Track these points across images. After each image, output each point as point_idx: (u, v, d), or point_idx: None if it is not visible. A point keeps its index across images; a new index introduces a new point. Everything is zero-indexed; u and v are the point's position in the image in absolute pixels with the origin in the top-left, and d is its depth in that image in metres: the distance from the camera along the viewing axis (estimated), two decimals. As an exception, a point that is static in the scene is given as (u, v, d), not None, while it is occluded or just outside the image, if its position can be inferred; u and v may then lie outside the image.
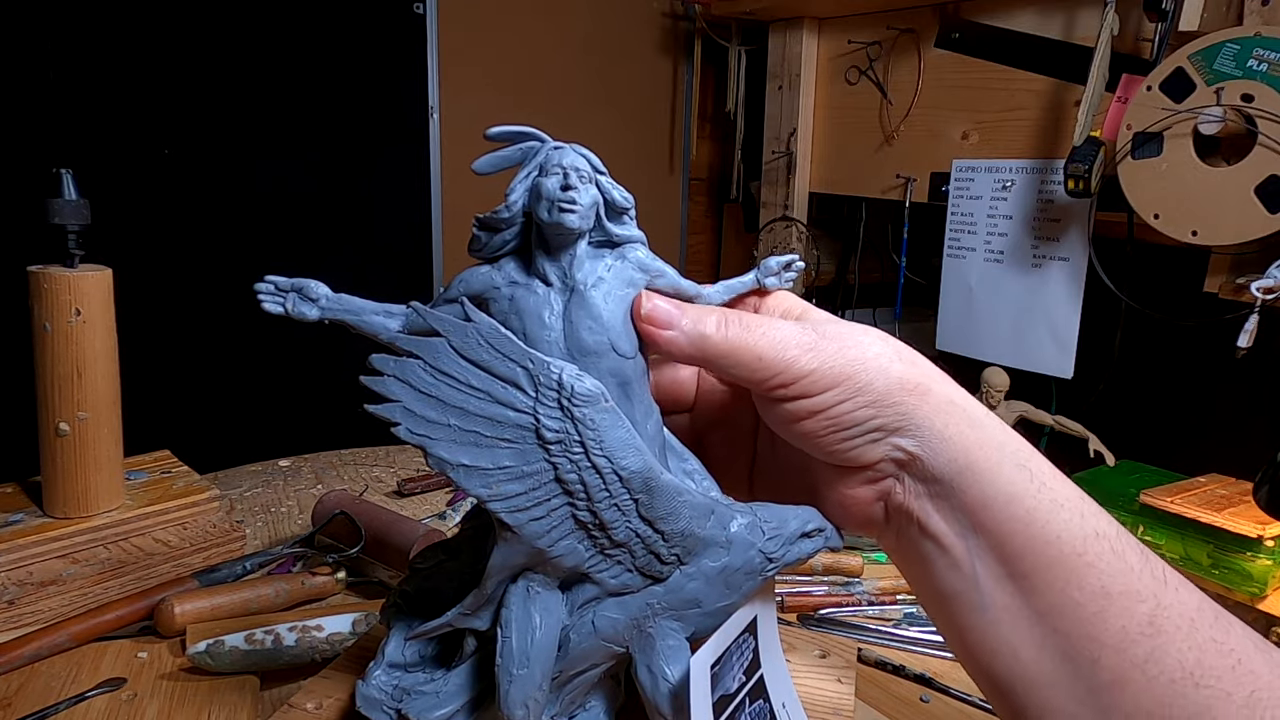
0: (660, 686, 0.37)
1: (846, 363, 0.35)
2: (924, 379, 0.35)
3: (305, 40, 1.40)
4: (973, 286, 1.43)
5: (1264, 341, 1.01)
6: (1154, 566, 0.32)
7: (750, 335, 0.36)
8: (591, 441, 0.34)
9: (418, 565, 0.44)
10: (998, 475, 0.33)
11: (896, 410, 0.34)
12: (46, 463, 0.67)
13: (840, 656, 0.57)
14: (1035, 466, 0.34)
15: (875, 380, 0.34)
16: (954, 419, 0.34)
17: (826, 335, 0.36)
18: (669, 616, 0.39)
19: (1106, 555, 0.32)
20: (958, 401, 0.35)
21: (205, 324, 1.33)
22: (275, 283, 0.39)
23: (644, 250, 0.39)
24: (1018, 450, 0.34)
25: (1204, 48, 0.99)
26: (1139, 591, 0.31)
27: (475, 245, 0.38)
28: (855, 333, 0.36)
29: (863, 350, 0.35)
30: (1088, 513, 0.33)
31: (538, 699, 0.37)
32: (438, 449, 0.34)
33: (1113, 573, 0.31)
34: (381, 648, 0.42)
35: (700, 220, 2.12)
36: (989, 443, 0.34)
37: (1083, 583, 0.31)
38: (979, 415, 0.35)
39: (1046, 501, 0.32)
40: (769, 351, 0.35)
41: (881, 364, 0.35)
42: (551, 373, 0.34)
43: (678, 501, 0.37)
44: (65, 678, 0.56)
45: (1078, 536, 0.32)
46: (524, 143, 0.37)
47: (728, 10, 1.70)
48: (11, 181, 1.14)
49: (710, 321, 0.36)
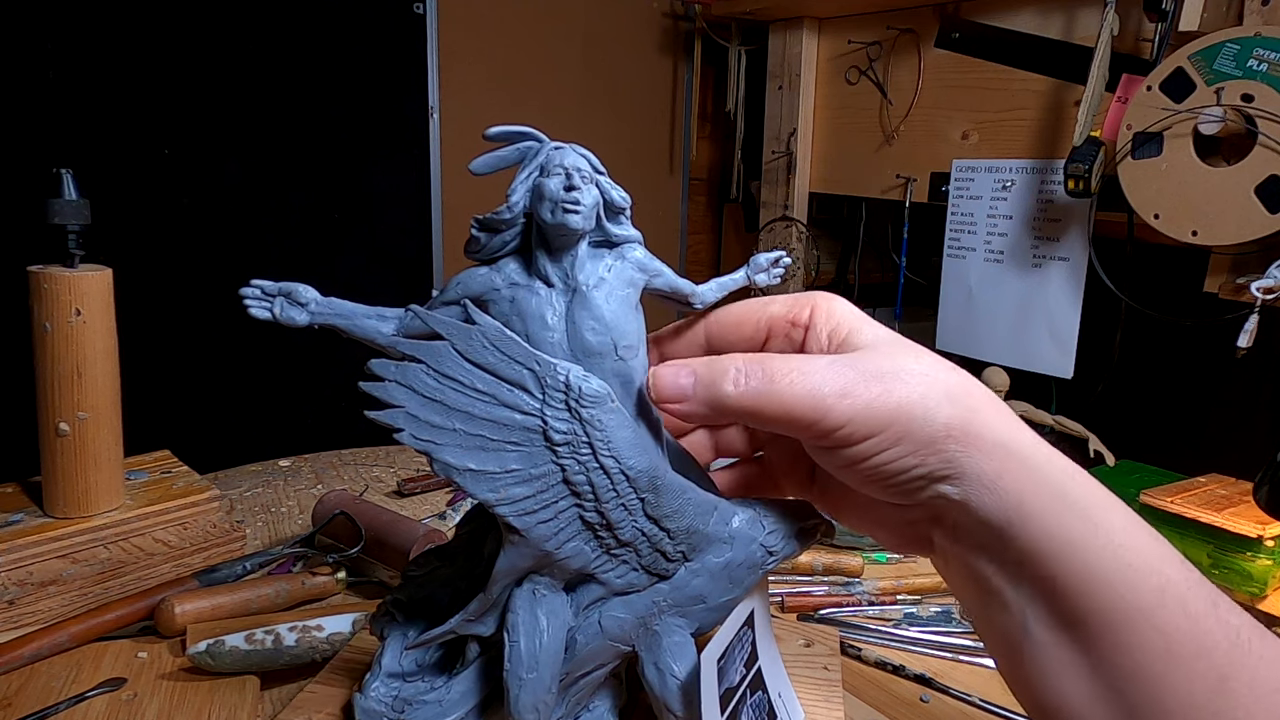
0: (669, 683, 0.38)
1: (887, 410, 0.32)
2: (974, 422, 0.32)
3: (305, 40, 1.40)
4: (973, 286, 1.43)
5: (1264, 341, 1.01)
6: (1228, 623, 0.29)
7: (774, 387, 0.32)
8: (599, 442, 0.34)
9: (412, 573, 0.43)
10: (1053, 525, 0.30)
11: (941, 458, 0.32)
12: (46, 463, 0.67)
13: (824, 645, 0.57)
14: (1101, 516, 0.31)
15: (918, 429, 0.32)
16: (1007, 465, 0.31)
17: (866, 374, 0.32)
18: (674, 613, 0.39)
19: (1175, 615, 0.29)
20: (1012, 446, 0.32)
21: (205, 324, 1.33)
22: (262, 287, 0.39)
23: (641, 250, 0.39)
24: (1082, 497, 0.31)
25: (1204, 48, 0.99)
26: (1210, 652, 0.29)
27: (474, 247, 0.38)
28: (902, 367, 0.33)
29: (907, 391, 0.32)
30: (1158, 568, 0.30)
31: (547, 702, 0.37)
32: (444, 454, 0.34)
33: (1181, 635, 0.29)
34: (377, 659, 0.41)
35: (700, 220, 2.12)
36: (1045, 490, 0.31)
37: (1145, 644, 0.29)
38: (1036, 459, 0.32)
39: (1109, 556, 0.30)
40: (797, 404, 0.32)
41: (927, 407, 0.32)
42: (558, 374, 0.34)
43: (683, 499, 0.37)
44: (65, 678, 0.55)
45: (1143, 595, 0.29)
46: (522, 143, 0.37)
47: (728, 10, 1.70)
48: (11, 181, 1.14)
49: (727, 379, 0.33)
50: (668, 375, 0.35)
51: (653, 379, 0.35)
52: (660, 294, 0.40)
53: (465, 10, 1.59)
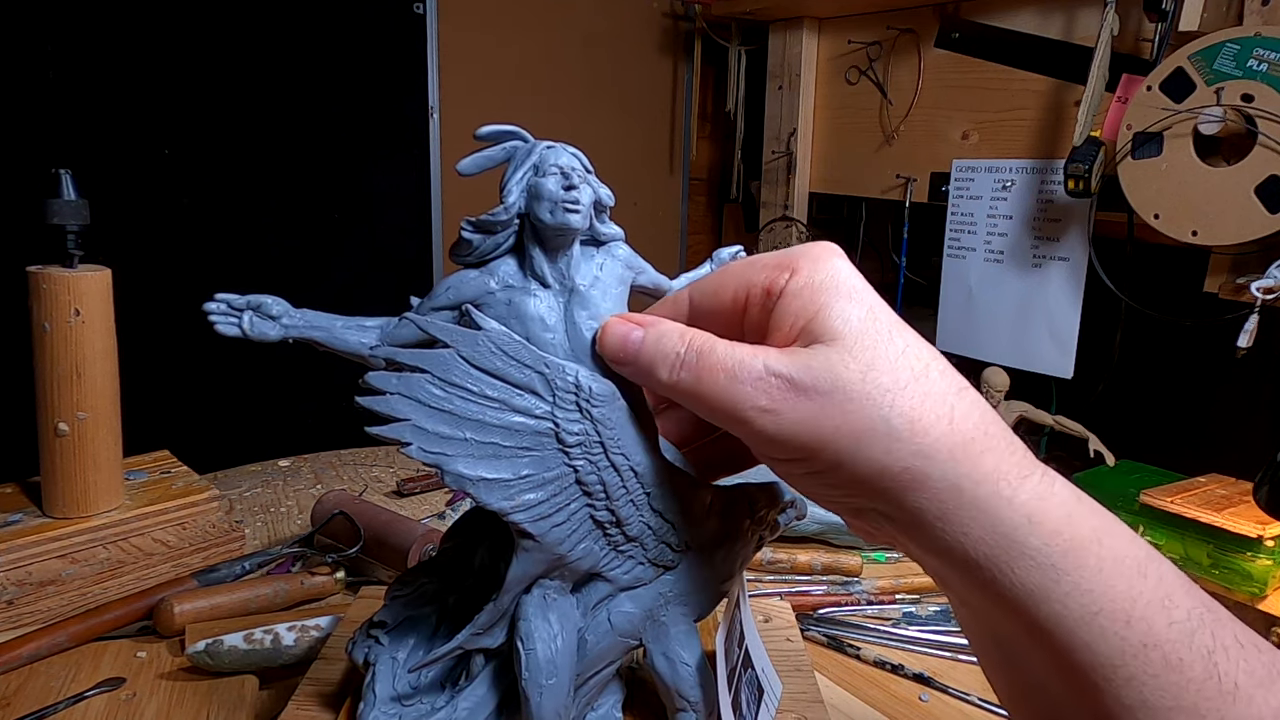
0: (680, 671, 0.38)
1: (814, 437, 0.28)
2: (917, 464, 0.28)
3: (305, 40, 1.40)
4: (973, 286, 1.43)
5: (1264, 341, 1.01)
6: (1223, 674, 0.27)
7: (700, 386, 0.30)
8: (610, 440, 0.34)
9: (398, 594, 0.42)
10: (1010, 575, 0.27)
11: (881, 497, 0.29)
12: (46, 463, 0.67)
13: (781, 619, 0.58)
14: (1070, 563, 0.27)
15: (848, 465, 0.28)
16: (957, 508, 0.28)
17: (802, 388, 0.28)
18: (679, 603, 0.39)
19: (1154, 666, 0.26)
20: (966, 489, 0.28)
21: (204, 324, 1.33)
22: (228, 301, 0.37)
23: (625, 247, 0.40)
24: (1045, 544, 0.27)
25: (1204, 48, 0.99)
26: (1196, 707, 0.26)
27: (464, 250, 0.37)
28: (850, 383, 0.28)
29: (843, 419, 0.28)
30: (1139, 616, 0.27)
31: (568, 706, 0.37)
32: (455, 465, 0.33)
33: (1161, 687, 0.26)
34: (368, 687, 0.39)
35: (700, 220, 2.12)
36: (1001, 536, 0.27)
37: (1119, 695, 0.27)
38: (989, 501, 0.28)
39: (1075, 607, 0.27)
40: (720, 409, 0.30)
41: (860, 444, 0.28)
42: (567, 375, 0.34)
43: (684, 490, 0.37)
44: (64, 677, 0.56)
45: (1114, 648, 0.27)
46: (508, 142, 0.37)
47: (728, 10, 1.70)
48: (11, 181, 1.14)
49: (665, 363, 0.31)
50: (618, 331, 0.33)
51: (603, 332, 0.34)
52: (644, 290, 0.40)
53: (465, 10, 1.59)
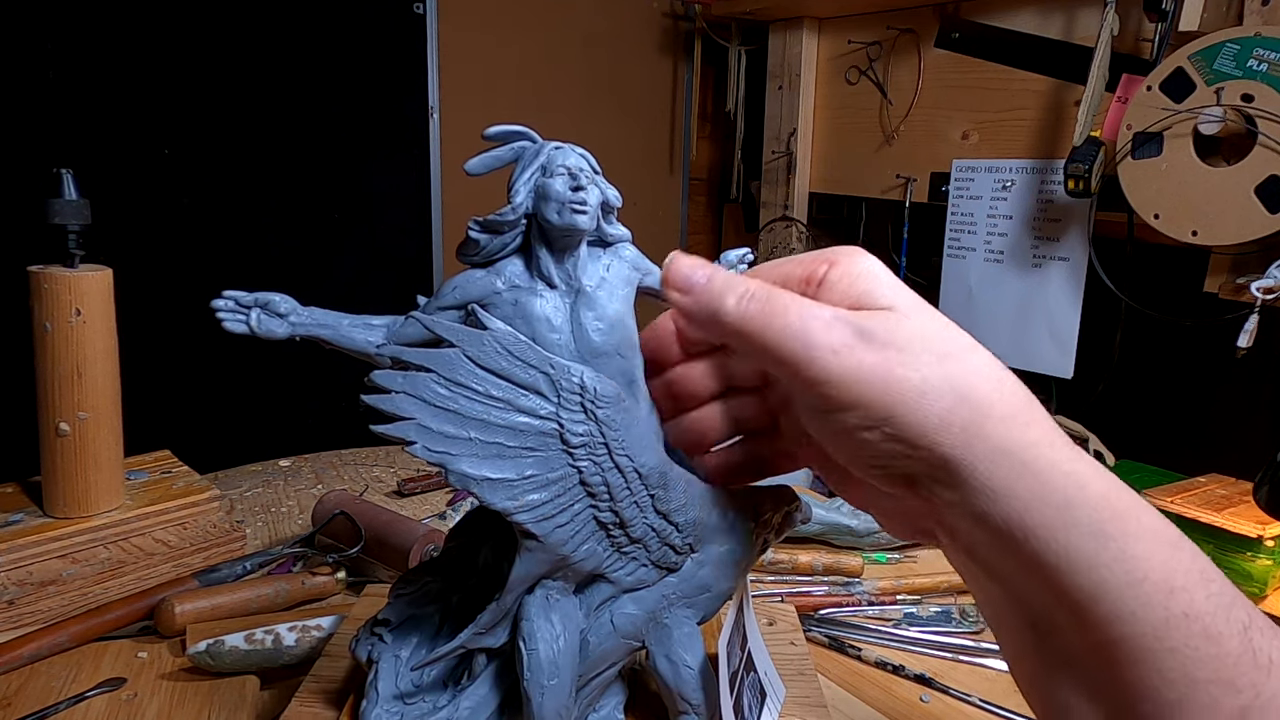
0: (683, 674, 0.38)
1: (877, 382, 0.28)
2: (976, 422, 0.28)
3: (305, 40, 1.40)
4: (973, 286, 1.43)
5: (1264, 341, 1.01)
6: (1258, 649, 0.27)
7: (770, 318, 0.30)
8: (614, 442, 0.35)
9: (402, 592, 0.42)
10: (1057, 541, 0.28)
11: (933, 455, 0.29)
12: (46, 463, 0.67)
13: (786, 622, 0.58)
14: (1116, 529, 0.28)
15: (909, 415, 0.28)
16: (1008, 475, 0.28)
17: (868, 337, 0.29)
18: (683, 605, 0.39)
19: (1195, 638, 0.27)
20: (1016, 453, 0.28)
21: (205, 324, 1.32)
22: (235, 298, 0.38)
23: (632, 248, 0.39)
24: (1094, 511, 0.28)
25: (1204, 48, 0.99)
26: (1234, 681, 0.27)
27: (470, 250, 0.37)
28: (910, 342, 0.29)
29: (906, 371, 0.28)
30: (1180, 584, 0.27)
31: (569, 707, 0.37)
32: (459, 465, 0.33)
33: (1200, 659, 0.27)
34: (371, 685, 0.39)
35: (700, 220, 2.12)
36: (1052, 501, 0.28)
37: (1160, 666, 0.27)
38: (1042, 466, 0.28)
39: (1120, 573, 0.27)
40: (785, 343, 0.29)
41: (924, 394, 0.28)
42: (573, 376, 0.34)
43: (689, 492, 0.37)
44: (65, 678, 0.56)
45: (1158, 617, 0.27)
46: (517, 142, 0.37)
47: (728, 10, 1.70)
48: (11, 181, 1.14)
49: (734, 293, 0.31)
50: (685, 264, 0.33)
51: (669, 263, 0.33)
52: (651, 292, 0.40)
53: (465, 10, 1.59)
